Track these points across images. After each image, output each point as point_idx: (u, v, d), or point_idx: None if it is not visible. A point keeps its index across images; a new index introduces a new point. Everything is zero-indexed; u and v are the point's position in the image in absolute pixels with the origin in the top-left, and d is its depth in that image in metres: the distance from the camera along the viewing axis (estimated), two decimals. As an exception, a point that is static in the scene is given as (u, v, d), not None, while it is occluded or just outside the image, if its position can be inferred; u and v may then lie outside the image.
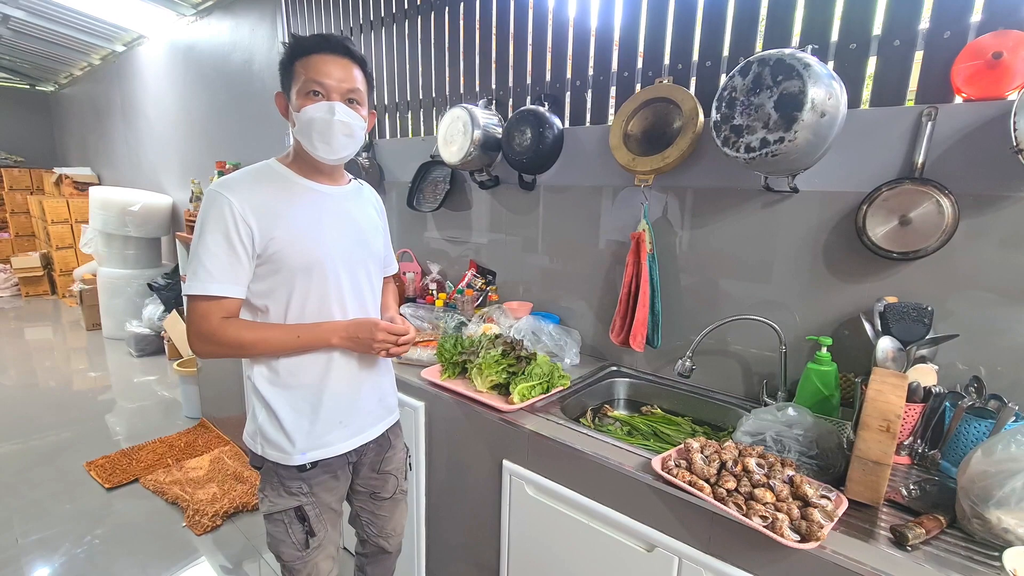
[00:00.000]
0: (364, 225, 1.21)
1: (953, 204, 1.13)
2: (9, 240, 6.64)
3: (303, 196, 1.11)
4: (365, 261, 1.20)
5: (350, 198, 1.21)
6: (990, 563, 0.83)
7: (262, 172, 1.12)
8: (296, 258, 1.07)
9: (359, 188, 1.26)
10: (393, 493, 1.35)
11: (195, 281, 1.02)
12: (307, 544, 1.18)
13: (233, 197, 1.02)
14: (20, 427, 2.98)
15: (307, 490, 1.16)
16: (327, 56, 1.05)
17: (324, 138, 1.06)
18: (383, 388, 1.28)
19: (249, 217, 1.02)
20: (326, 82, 1.04)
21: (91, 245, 4.62)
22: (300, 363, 1.12)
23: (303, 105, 1.05)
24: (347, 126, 1.06)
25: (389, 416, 1.31)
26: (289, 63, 1.07)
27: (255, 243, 1.03)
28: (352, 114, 1.07)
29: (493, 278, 2.13)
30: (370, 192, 1.31)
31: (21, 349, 4.41)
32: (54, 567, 1.94)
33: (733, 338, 1.52)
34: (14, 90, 7.16)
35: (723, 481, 0.99)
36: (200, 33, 3.83)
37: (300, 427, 1.13)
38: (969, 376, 1.14)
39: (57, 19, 4.39)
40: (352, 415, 1.19)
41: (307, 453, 1.13)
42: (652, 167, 1.50)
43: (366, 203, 1.26)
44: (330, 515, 1.22)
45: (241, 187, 1.05)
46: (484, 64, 2.09)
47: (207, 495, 2.32)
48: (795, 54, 1.13)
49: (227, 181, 1.07)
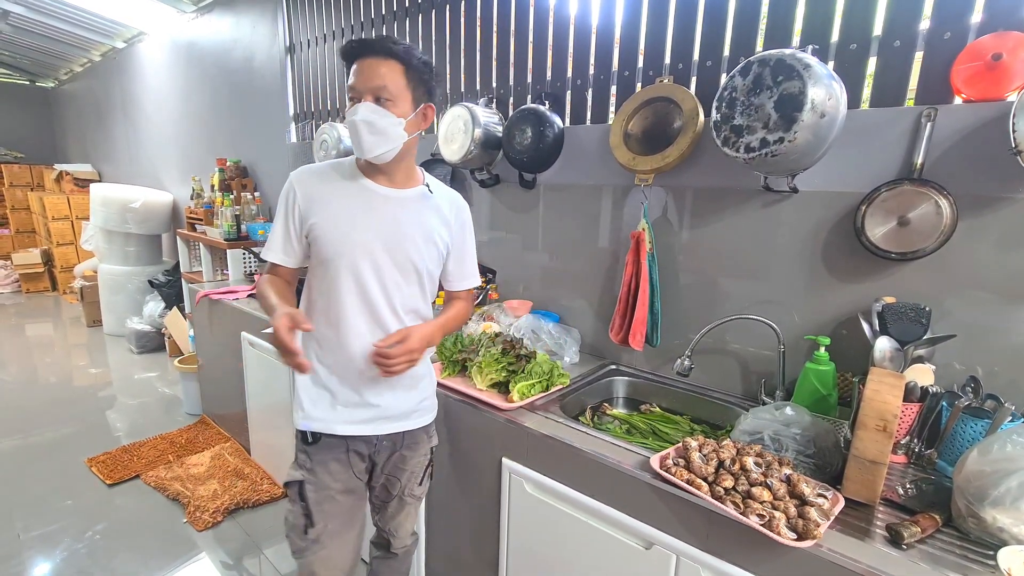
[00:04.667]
0: (411, 231, 1.17)
1: (952, 205, 1.14)
2: (10, 236, 6.64)
3: (356, 193, 1.16)
4: (396, 266, 1.16)
5: (408, 203, 1.18)
6: (985, 562, 0.84)
7: (333, 165, 1.21)
8: (326, 246, 1.14)
9: (426, 195, 1.21)
10: (399, 494, 1.32)
11: (264, 248, 1.21)
12: (305, 532, 1.20)
13: (296, 182, 1.17)
14: (21, 423, 2.99)
15: (309, 465, 1.20)
16: (359, 61, 1.08)
17: (355, 139, 1.09)
18: (410, 394, 1.26)
19: (301, 201, 1.15)
20: (357, 85, 1.08)
21: (92, 242, 4.62)
22: (331, 342, 1.18)
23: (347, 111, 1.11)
24: (369, 124, 1.07)
25: (408, 419, 1.27)
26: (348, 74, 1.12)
27: (301, 223, 1.16)
28: (376, 111, 1.07)
29: (493, 276, 2.13)
30: (446, 201, 1.25)
31: (22, 345, 4.41)
32: (55, 562, 1.95)
33: (732, 337, 1.52)
34: (14, 86, 7.15)
35: (721, 479, 0.99)
36: (201, 30, 3.83)
37: (312, 396, 1.20)
38: (966, 376, 1.15)
39: (57, 15, 4.38)
40: (361, 407, 1.20)
41: (311, 423, 1.19)
42: (652, 166, 1.50)
43: (430, 210, 1.21)
44: (332, 507, 1.21)
45: (305, 175, 1.18)
46: (485, 62, 2.09)
47: (208, 491, 2.33)
48: (795, 54, 1.13)
49: (299, 170, 1.20)
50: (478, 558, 1.52)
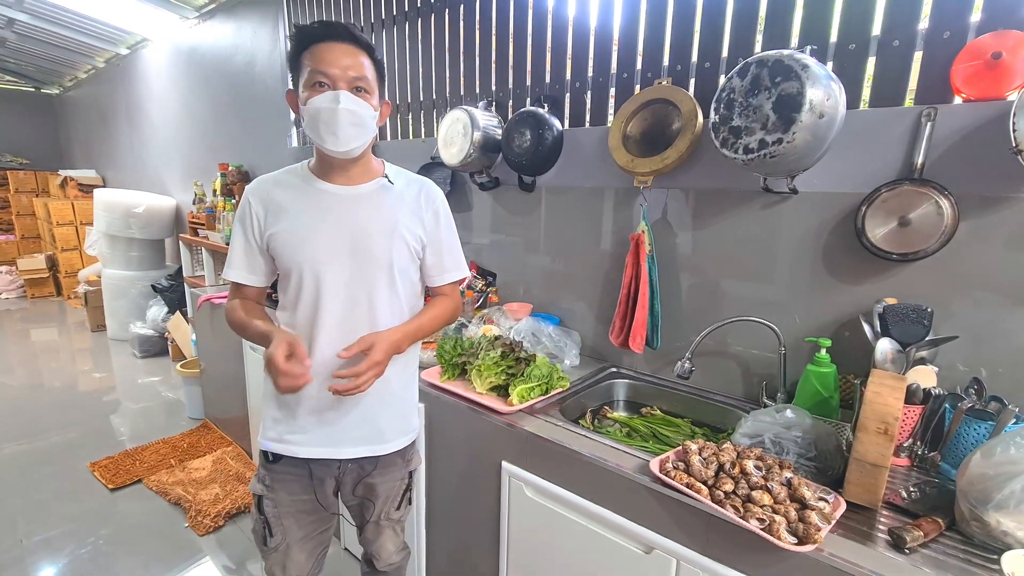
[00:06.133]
0: (372, 227, 1.10)
1: (953, 205, 1.13)
2: (15, 242, 6.69)
3: (312, 197, 1.11)
4: (361, 270, 1.10)
5: (365, 198, 1.12)
6: (989, 566, 0.83)
7: (287, 172, 1.17)
8: (288, 257, 1.10)
9: (385, 186, 1.15)
10: (375, 519, 1.27)
11: (225, 266, 1.17)
12: (265, 541, 1.20)
13: (251, 194, 1.14)
14: (25, 427, 3.00)
15: (268, 482, 1.19)
16: (332, 44, 1.01)
17: (330, 128, 1.02)
18: (379, 415, 1.18)
19: (258, 211, 1.12)
20: (331, 71, 1.01)
21: (96, 247, 4.64)
22: None
23: (309, 97, 1.02)
24: (353, 114, 1.02)
25: (376, 443, 1.19)
26: (296, 56, 1.05)
27: (262, 236, 1.12)
28: (359, 102, 1.03)
29: (493, 279, 2.13)
30: (413, 190, 1.17)
31: (26, 350, 4.43)
32: (58, 567, 1.95)
33: (732, 339, 1.51)
34: (19, 93, 7.21)
35: (721, 483, 0.99)
36: (203, 36, 3.85)
37: (275, 415, 1.17)
38: (969, 378, 1.13)
39: (61, 22, 4.42)
40: (324, 426, 1.15)
41: (270, 443, 1.17)
42: (651, 168, 1.50)
43: (393, 201, 1.14)
44: (293, 521, 1.20)
45: (261, 185, 1.15)
46: (484, 66, 2.09)
47: (209, 496, 2.33)
48: (793, 55, 1.13)
49: (255, 180, 1.17)
50: (478, 562, 1.52)
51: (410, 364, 1.26)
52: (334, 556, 1.99)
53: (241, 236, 1.14)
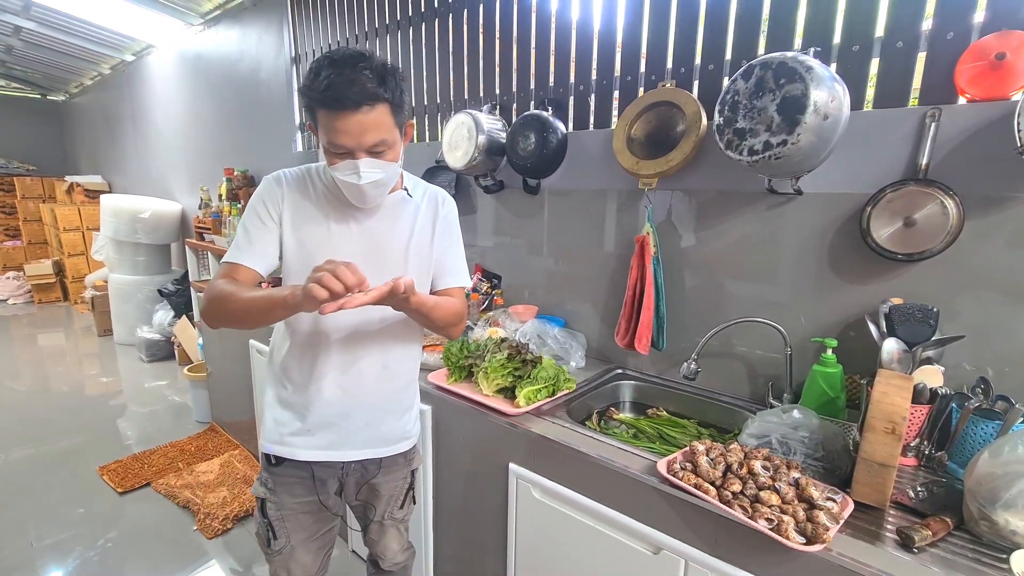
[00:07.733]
0: (391, 240, 1.13)
1: (958, 205, 1.13)
2: (22, 247, 6.74)
3: (333, 205, 1.11)
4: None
5: (386, 212, 1.14)
6: (998, 565, 0.83)
7: (308, 173, 1.14)
8: (302, 259, 1.08)
9: (404, 200, 1.16)
10: (379, 519, 1.30)
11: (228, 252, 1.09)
12: (269, 544, 1.21)
13: (277, 182, 1.10)
14: (34, 432, 3.02)
15: (271, 485, 1.19)
16: (344, 116, 0.93)
17: (355, 197, 1.05)
18: (383, 419, 1.20)
19: (286, 198, 1.09)
20: (348, 144, 0.96)
21: (102, 252, 4.68)
22: (294, 360, 1.14)
23: (331, 162, 1.01)
24: (376, 184, 1.02)
25: (380, 446, 1.21)
26: (311, 112, 0.99)
27: (281, 222, 1.09)
28: (380, 166, 1.00)
29: (499, 282, 2.14)
30: (428, 200, 1.19)
31: (34, 355, 4.46)
32: (68, 570, 1.97)
33: (738, 340, 1.52)
34: (26, 100, 7.27)
35: (728, 483, 0.99)
36: (208, 42, 3.88)
37: (277, 417, 1.17)
38: (976, 377, 1.14)
39: (67, 30, 4.46)
40: (328, 429, 1.16)
41: (272, 446, 1.17)
42: (656, 170, 1.50)
43: (410, 214, 1.16)
44: (296, 523, 1.21)
45: (291, 179, 1.11)
46: (488, 69, 2.10)
47: (217, 499, 2.34)
48: (797, 57, 1.13)
49: (282, 171, 1.13)
50: (486, 563, 1.52)
51: (413, 368, 1.27)
52: (341, 558, 2.00)
53: (256, 218, 1.08)
